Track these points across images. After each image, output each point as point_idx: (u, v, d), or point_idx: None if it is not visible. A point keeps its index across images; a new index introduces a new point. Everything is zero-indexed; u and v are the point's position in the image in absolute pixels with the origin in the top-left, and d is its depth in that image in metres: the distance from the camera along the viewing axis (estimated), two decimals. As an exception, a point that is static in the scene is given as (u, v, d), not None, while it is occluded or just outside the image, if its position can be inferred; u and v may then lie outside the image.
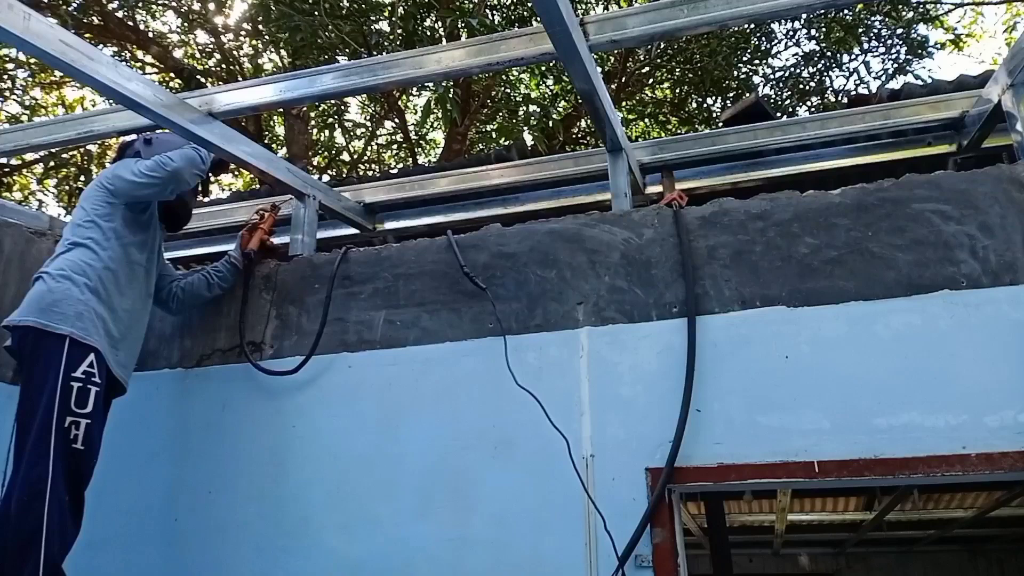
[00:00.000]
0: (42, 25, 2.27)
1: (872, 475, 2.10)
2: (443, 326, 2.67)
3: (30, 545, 2.09)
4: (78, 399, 2.27)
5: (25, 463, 2.18)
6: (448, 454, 2.48)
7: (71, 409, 2.25)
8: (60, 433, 2.21)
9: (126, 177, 2.59)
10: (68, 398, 2.25)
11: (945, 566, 8.62)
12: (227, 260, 3.02)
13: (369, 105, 10.30)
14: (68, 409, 2.24)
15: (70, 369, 2.28)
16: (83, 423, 2.26)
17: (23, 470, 2.17)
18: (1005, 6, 10.61)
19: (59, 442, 2.20)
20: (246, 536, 2.60)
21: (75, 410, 2.26)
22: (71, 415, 2.24)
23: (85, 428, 2.27)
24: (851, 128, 3.32)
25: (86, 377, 2.31)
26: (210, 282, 2.95)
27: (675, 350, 2.37)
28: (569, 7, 2.27)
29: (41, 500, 2.13)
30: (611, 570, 2.16)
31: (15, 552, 2.09)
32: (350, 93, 3.13)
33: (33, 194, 10.60)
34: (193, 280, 2.93)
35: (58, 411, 2.22)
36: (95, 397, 2.32)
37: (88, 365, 2.33)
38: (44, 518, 2.12)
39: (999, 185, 2.31)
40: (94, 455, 2.32)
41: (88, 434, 2.27)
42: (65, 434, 2.22)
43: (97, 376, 2.34)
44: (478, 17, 6.91)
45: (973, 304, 2.19)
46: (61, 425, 2.21)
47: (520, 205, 3.84)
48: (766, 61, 9.62)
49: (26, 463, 2.17)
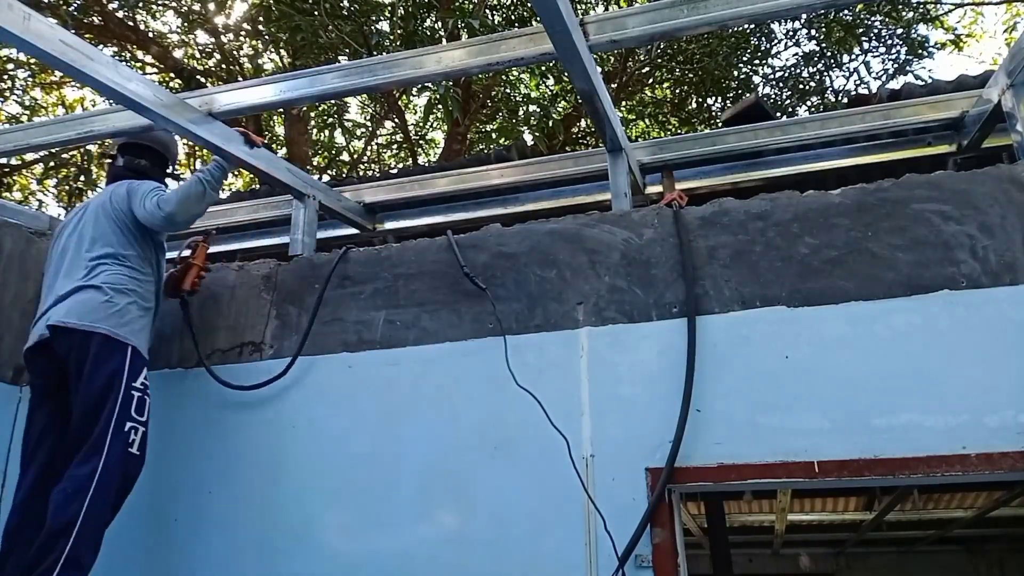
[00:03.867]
0: (42, 25, 2.27)
1: (872, 475, 2.10)
2: (443, 326, 2.67)
3: (61, 535, 2.15)
4: (138, 406, 2.40)
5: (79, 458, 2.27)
6: (448, 454, 2.48)
7: (131, 415, 2.36)
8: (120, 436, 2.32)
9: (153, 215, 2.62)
10: (130, 404, 2.37)
11: (945, 566, 8.61)
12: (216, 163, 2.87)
13: (369, 105, 10.30)
14: (129, 415, 2.36)
15: (132, 378, 2.41)
16: (140, 430, 2.39)
17: (73, 465, 2.26)
18: (1005, 6, 10.61)
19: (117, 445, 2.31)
20: (246, 536, 2.60)
21: (135, 416, 2.37)
22: (131, 420, 2.36)
23: (141, 435, 2.39)
24: (851, 128, 3.32)
25: (143, 388, 2.45)
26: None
27: (675, 350, 2.37)
28: (569, 7, 2.27)
29: (84, 496, 2.19)
30: (611, 570, 2.16)
31: (46, 539, 2.16)
32: (350, 93, 3.13)
33: (33, 194, 10.60)
34: None
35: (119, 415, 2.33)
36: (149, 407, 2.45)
37: (145, 377, 2.48)
38: (81, 513, 2.18)
39: (999, 185, 2.31)
40: (143, 462, 2.42)
41: (143, 441, 2.40)
42: (125, 437, 2.33)
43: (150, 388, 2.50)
44: (478, 17, 6.91)
45: (973, 304, 2.19)
46: (121, 429, 2.33)
47: (520, 205, 3.85)
48: (766, 61, 9.62)
49: (80, 459, 2.27)
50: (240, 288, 3.03)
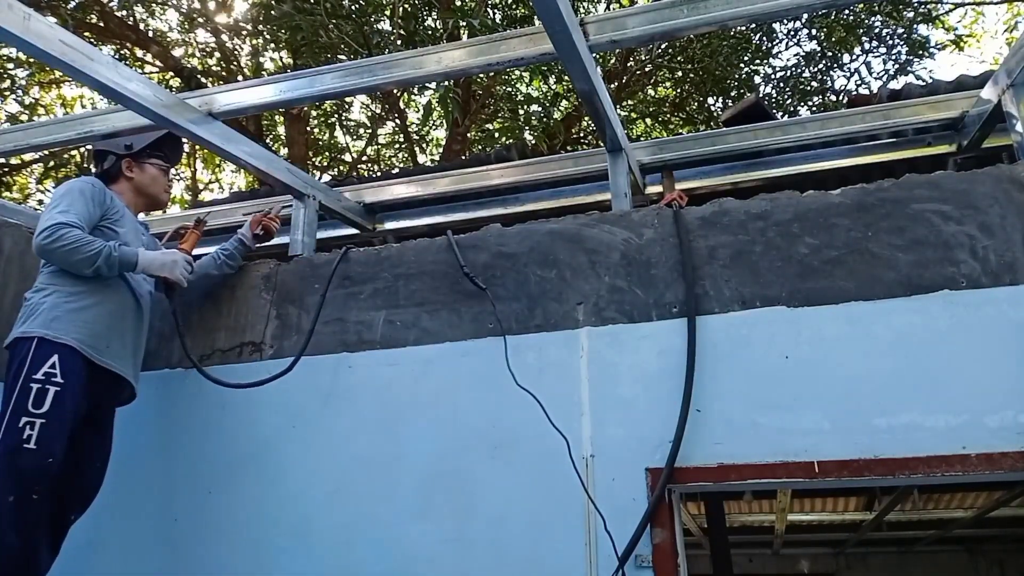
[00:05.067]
0: (42, 25, 2.27)
1: (872, 475, 2.10)
2: (443, 326, 2.67)
3: None
4: (36, 399, 2.26)
5: None
6: (448, 454, 2.48)
7: (28, 410, 2.24)
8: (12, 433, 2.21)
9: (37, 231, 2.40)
10: (25, 399, 2.25)
11: (945, 566, 8.62)
12: (236, 239, 3.04)
13: (370, 105, 10.30)
14: (25, 410, 2.24)
15: (32, 370, 2.29)
16: (38, 423, 2.24)
17: None
18: (1005, 6, 10.62)
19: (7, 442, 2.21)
20: (246, 536, 2.60)
21: (32, 411, 2.25)
22: (27, 415, 2.24)
23: (39, 428, 2.24)
24: (851, 128, 3.31)
25: (46, 378, 2.30)
26: (217, 261, 2.97)
27: (675, 350, 2.37)
28: (569, 7, 2.27)
29: None
30: (611, 570, 2.16)
31: None
32: (350, 93, 3.13)
33: (33, 194, 10.61)
34: (201, 261, 2.92)
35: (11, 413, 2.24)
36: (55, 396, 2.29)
37: (53, 364, 2.32)
38: None
39: (999, 185, 2.31)
40: (48, 454, 2.25)
41: (43, 433, 2.24)
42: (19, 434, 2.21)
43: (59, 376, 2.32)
44: (479, 17, 6.91)
45: (973, 304, 2.19)
46: (14, 426, 2.22)
47: (520, 205, 3.84)
48: (767, 61, 9.62)
49: None
50: (240, 288, 3.04)
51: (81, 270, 2.42)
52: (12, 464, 2.20)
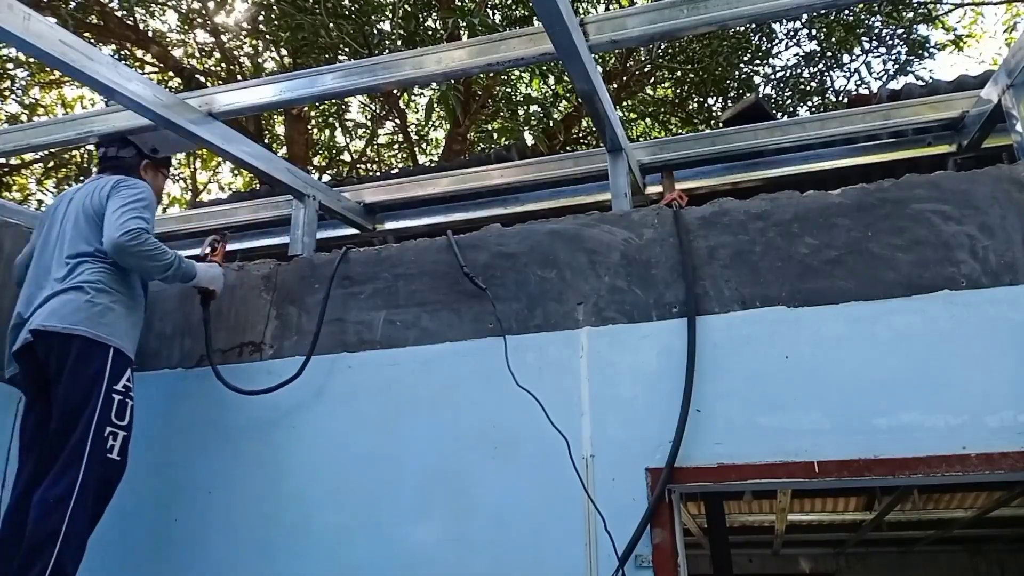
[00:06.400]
0: (42, 25, 2.27)
1: (872, 475, 2.10)
2: (443, 326, 2.67)
3: (45, 547, 2.11)
4: (119, 410, 2.34)
5: (59, 467, 2.22)
6: (448, 454, 2.48)
7: (111, 420, 2.31)
8: (100, 443, 2.27)
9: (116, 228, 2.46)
10: (110, 409, 2.32)
11: (945, 566, 8.61)
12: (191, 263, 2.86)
13: (369, 105, 10.30)
14: (109, 420, 2.31)
15: (113, 381, 2.35)
16: (121, 434, 2.34)
17: (53, 474, 2.21)
18: (1005, 6, 10.62)
19: (96, 452, 2.26)
20: (246, 536, 2.60)
21: (116, 421, 2.32)
22: (111, 425, 2.31)
23: (122, 440, 2.35)
24: (851, 128, 3.32)
25: (125, 390, 2.39)
26: None
27: (675, 350, 2.37)
28: (569, 7, 2.27)
29: (65, 506, 2.15)
30: (611, 570, 2.16)
31: (28, 551, 2.11)
32: (350, 93, 3.13)
33: (33, 194, 10.61)
34: None
35: (98, 420, 2.28)
36: (131, 410, 2.40)
37: (128, 379, 2.42)
38: (64, 524, 2.13)
39: (999, 185, 2.31)
40: (125, 467, 2.37)
41: (124, 445, 2.35)
42: (104, 444, 2.28)
43: (133, 391, 2.44)
44: (479, 17, 6.91)
45: (973, 304, 2.19)
46: (101, 435, 2.28)
47: (520, 205, 3.85)
48: (767, 61, 9.61)
49: (59, 467, 2.22)
50: (240, 288, 3.03)
51: (151, 275, 2.59)
52: (99, 471, 2.26)
